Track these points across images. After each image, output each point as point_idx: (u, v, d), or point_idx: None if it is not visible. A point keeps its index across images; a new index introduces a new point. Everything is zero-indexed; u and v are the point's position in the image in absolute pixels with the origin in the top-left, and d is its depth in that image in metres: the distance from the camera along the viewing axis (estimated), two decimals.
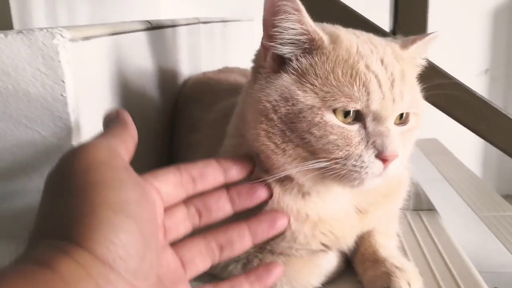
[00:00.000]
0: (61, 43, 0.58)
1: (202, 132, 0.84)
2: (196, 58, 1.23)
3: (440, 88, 0.77)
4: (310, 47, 0.58)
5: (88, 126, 0.64)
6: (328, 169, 0.58)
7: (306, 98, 0.56)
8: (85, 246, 0.38)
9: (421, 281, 0.65)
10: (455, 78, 0.78)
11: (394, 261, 0.65)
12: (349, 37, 0.60)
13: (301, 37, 0.58)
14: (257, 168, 0.61)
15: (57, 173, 0.43)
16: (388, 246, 0.70)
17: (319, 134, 0.56)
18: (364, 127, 0.57)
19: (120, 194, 0.42)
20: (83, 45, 0.63)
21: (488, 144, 2.76)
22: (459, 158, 2.35)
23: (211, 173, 0.57)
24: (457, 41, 2.67)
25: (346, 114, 0.57)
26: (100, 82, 0.69)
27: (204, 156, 0.68)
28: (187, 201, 0.56)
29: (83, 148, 0.44)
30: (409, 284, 0.62)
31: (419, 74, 0.66)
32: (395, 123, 0.59)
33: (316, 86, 0.57)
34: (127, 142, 0.48)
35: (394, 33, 0.78)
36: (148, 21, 0.89)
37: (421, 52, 0.66)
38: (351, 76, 0.56)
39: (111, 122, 0.51)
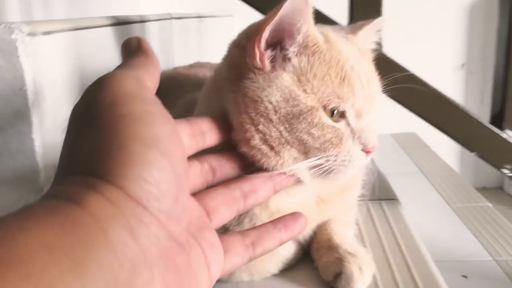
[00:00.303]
0: (19, 38, 0.60)
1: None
2: (168, 54, 1.25)
3: (396, 82, 0.80)
4: (309, 46, 0.60)
5: (49, 120, 0.66)
6: (320, 167, 0.60)
7: (306, 99, 0.58)
8: (116, 183, 0.35)
9: (373, 267, 0.68)
10: (409, 71, 0.81)
11: (347, 247, 0.68)
12: (335, 36, 0.63)
13: (302, 37, 0.59)
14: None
15: (81, 106, 0.40)
16: (343, 234, 0.73)
17: (317, 134, 0.58)
18: (348, 123, 0.60)
19: (152, 128, 0.38)
20: (43, 39, 0.64)
21: None
22: (437, 152, 2.39)
23: (217, 128, 0.56)
24: (433, 36, 2.72)
25: (332, 113, 0.59)
26: (62, 76, 0.70)
27: None
28: (200, 157, 0.54)
29: (108, 78, 0.40)
30: (360, 269, 0.65)
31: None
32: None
33: (314, 86, 0.58)
34: (152, 73, 0.45)
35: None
36: (114, 17, 0.91)
37: (369, 36, 0.70)
38: (341, 77, 0.59)
39: (130, 51, 0.47)
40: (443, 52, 2.78)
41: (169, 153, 0.39)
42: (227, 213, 0.52)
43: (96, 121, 0.39)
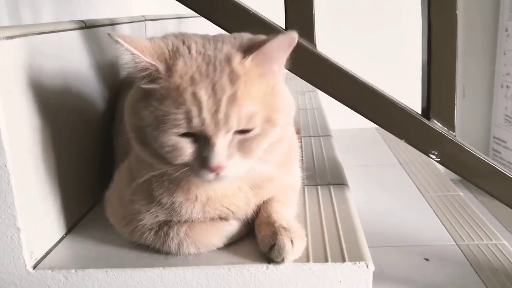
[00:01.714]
0: None
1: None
2: None
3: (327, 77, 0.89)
4: (150, 74, 0.67)
5: (14, 112, 0.75)
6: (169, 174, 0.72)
7: (147, 116, 0.67)
8: None
9: (304, 240, 0.77)
10: (340, 65, 0.89)
11: (282, 223, 0.77)
12: (188, 61, 0.67)
13: (141, 69, 0.67)
14: None
15: None
16: (281, 212, 0.81)
17: (158, 146, 0.68)
18: (197, 141, 0.68)
19: None
20: (6, 43, 0.73)
21: None
22: None
23: None
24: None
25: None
26: (26, 75, 0.79)
27: (123, 142, 0.80)
28: None
29: None
30: (292, 241, 0.74)
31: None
32: (238, 131, 0.67)
33: (154, 107, 0.66)
34: None
35: (287, 29, 0.89)
36: (82, 21, 0.99)
37: (272, 59, 0.69)
38: (178, 103, 0.65)
39: None
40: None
41: None
42: None
43: None
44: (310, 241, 0.80)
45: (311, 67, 0.85)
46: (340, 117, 1.77)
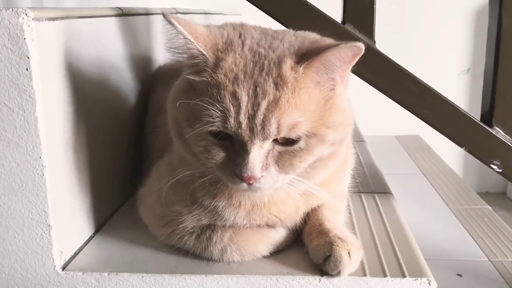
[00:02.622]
0: (25, 22, 0.63)
1: (165, 112, 0.89)
2: None
3: (387, 77, 0.83)
4: (198, 64, 0.63)
5: (52, 100, 0.69)
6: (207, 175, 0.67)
7: (186, 110, 0.63)
8: None
9: (361, 252, 0.71)
10: (400, 66, 0.83)
11: (337, 232, 0.71)
12: (238, 57, 0.62)
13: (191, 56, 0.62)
14: None
15: None
16: (334, 220, 0.75)
17: (191, 143, 0.64)
18: (233, 146, 0.62)
19: None
20: (48, 25, 0.67)
21: None
22: (441, 156, 2.41)
23: None
24: (439, 40, 2.72)
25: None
26: (65, 61, 0.73)
27: (165, 137, 0.74)
28: None
29: None
30: (349, 253, 0.67)
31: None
32: (279, 142, 0.61)
33: (193, 101, 0.61)
34: None
35: (344, 23, 0.83)
36: (119, 8, 0.94)
37: (332, 69, 0.62)
38: (216, 102, 0.60)
39: None
40: (449, 56, 2.79)
41: None
42: None
43: None
44: (364, 253, 0.74)
45: (369, 65, 0.78)
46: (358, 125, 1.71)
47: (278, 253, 0.74)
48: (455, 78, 2.83)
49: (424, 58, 2.60)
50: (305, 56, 0.61)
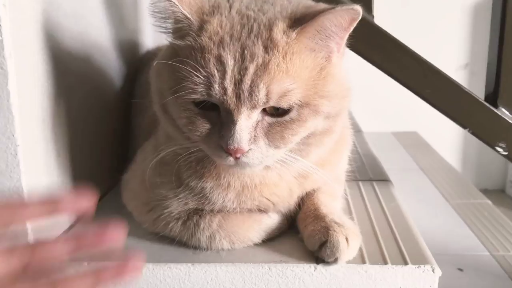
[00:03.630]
0: None
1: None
2: None
3: (389, 55, 0.78)
4: (182, 28, 0.58)
5: (27, 73, 0.64)
6: (192, 151, 0.62)
7: (169, 78, 0.58)
8: None
9: (360, 238, 0.66)
10: (402, 43, 0.78)
11: (334, 217, 0.66)
12: (224, 20, 0.57)
13: (175, 19, 0.58)
14: None
15: None
16: (330, 205, 0.70)
17: (174, 116, 0.59)
18: (219, 117, 0.57)
19: None
20: None
21: (467, 140, 2.75)
22: (439, 154, 2.37)
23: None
24: (437, 35, 2.68)
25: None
26: (43, 32, 0.68)
27: (150, 119, 0.70)
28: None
29: None
30: (346, 239, 0.62)
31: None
32: (269, 113, 0.57)
33: (176, 68, 0.57)
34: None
35: None
36: None
37: (327, 35, 0.57)
38: (200, 67, 0.55)
39: None
40: (446, 51, 2.75)
41: None
42: None
43: None
44: (363, 240, 0.69)
45: (368, 40, 0.73)
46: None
47: (271, 240, 0.69)
48: (453, 73, 2.78)
49: (421, 54, 2.56)
50: (298, 21, 0.56)
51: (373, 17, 0.78)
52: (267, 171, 0.65)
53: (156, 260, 0.65)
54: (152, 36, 1.16)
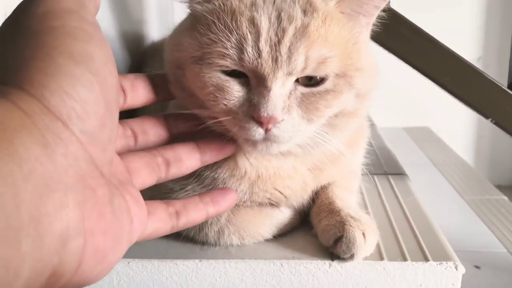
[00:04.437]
0: None
1: None
2: (167, 21, 1.20)
3: (407, 41, 0.74)
4: None
5: None
6: (217, 123, 0.55)
7: (191, 46, 0.53)
8: (33, 93, 0.32)
9: (377, 233, 0.62)
10: (421, 29, 0.74)
11: (350, 211, 0.62)
12: None
13: None
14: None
15: (10, 18, 0.36)
16: (346, 199, 0.66)
17: (200, 85, 0.53)
18: (249, 84, 0.53)
19: (85, 46, 0.35)
20: None
21: (480, 136, 2.71)
22: (452, 148, 2.32)
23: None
24: (449, 28, 2.63)
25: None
26: None
27: (156, 110, 0.66)
28: (122, 121, 0.51)
29: None
30: (363, 234, 0.58)
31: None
32: (302, 83, 0.53)
33: (201, 35, 0.52)
34: None
35: None
36: None
37: (362, 6, 0.56)
38: (230, 31, 0.51)
39: None
40: (459, 44, 2.68)
41: (100, 75, 0.36)
42: (148, 178, 0.49)
43: (23, 31, 0.34)
44: (380, 236, 0.65)
45: (384, 25, 0.69)
46: None
47: (283, 236, 0.66)
48: None
49: None
50: None
51: (389, 2, 0.74)
52: (285, 159, 0.62)
53: (161, 256, 0.62)
54: (158, 28, 1.13)
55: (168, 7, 1.22)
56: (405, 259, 0.60)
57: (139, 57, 1.01)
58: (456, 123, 2.75)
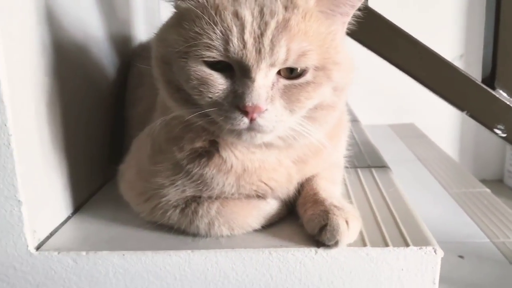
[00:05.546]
0: None
1: (146, 84, 0.84)
2: (153, 23, 1.22)
3: (384, 38, 0.77)
4: None
5: (17, 60, 0.63)
6: (202, 116, 0.58)
7: (176, 41, 0.56)
8: None
9: (360, 221, 0.65)
10: (397, 26, 0.77)
11: (333, 201, 0.65)
12: None
13: None
14: None
15: None
16: (329, 190, 0.69)
17: (185, 78, 0.56)
18: (233, 78, 0.56)
19: None
20: None
21: (464, 132, 2.73)
22: (436, 144, 2.36)
23: None
24: (433, 27, 2.68)
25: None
26: (33, 18, 0.67)
27: (144, 108, 0.68)
28: None
29: None
30: (347, 222, 0.61)
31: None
32: (284, 76, 0.56)
33: (186, 30, 0.55)
34: None
35: None
36: None
37: (339, 5, 0.59)
38: (214, 24, 0.54)
39: None
40: (441, 42, 2.73)
41: None
42: None
43: None
44: (363, 224, 0.68)
45: (362, 23, 0.72)
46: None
47: (271, 226, 0.69)
48: None
49: None
50: None
51: (367, 0, 0.77)
52: (268, 152, 0.65)
53: (155, 248, 0.65)
54: (145, 29, 1.15)
55: (155, 8, 1.24)
56: (387, 245, 0.63)
57: (127, 57, 1.03)
58: (441, 119, 2.79)
